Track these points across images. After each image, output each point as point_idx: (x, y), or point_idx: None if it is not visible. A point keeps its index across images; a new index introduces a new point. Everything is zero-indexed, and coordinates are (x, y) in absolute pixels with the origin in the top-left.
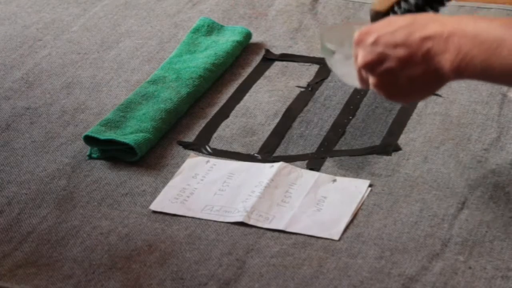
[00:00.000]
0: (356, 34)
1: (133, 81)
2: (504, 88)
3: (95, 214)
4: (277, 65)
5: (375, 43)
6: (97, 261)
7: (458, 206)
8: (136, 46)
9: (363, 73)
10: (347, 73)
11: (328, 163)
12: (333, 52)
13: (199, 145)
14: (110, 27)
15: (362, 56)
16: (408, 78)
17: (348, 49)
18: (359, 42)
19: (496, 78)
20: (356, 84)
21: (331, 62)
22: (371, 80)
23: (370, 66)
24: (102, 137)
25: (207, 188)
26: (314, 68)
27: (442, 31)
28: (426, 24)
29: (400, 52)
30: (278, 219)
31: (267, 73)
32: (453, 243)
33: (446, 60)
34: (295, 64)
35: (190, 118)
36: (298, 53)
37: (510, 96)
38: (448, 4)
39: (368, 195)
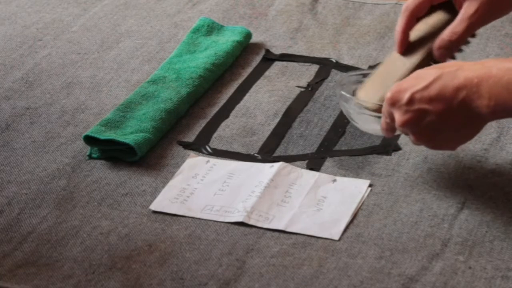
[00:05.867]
0: (388, 94)
1: (133, 81)
2: None
3: (95, 214)
4: (277, 65)
5: (410, 101)
6: (97, 261)
7: (458, 206)
8: (136, 46)
9: (402, 130)
10: (365, 121)
11: (328, 163)
12: (349, 100)
13: (199, 145)
14: (110, 27)
15: (400, 115)
16: (451, 128)
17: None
18: (394, 102)
19: None
20: (377, 132)
21: (348, 110)
22: (412, 136)
23: (411, 124)
24: (102, 137)
25: (207, 188)
26: (314, 68)
27: (471, 77)
28: (455, 73)
29: (438, 105)
30: (278, 219)
31: (267, 73)
32: (453, 243)
33: (483, 106)
34: (295, 64)
35: (190, 118)
36: (298, 53)
37: None
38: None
39: (368, 195)
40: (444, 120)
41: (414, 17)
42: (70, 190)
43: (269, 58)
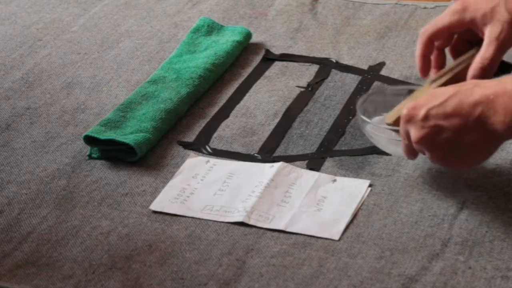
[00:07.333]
0: (404, 111)
1: (133, 81)
2: None
3: (95, 214)
4: (277, 65)
5: (426, 117)
6: (97, 261)
7: (458, 206)
8: (136, 46)
9: (417, 147)
10: (387, 142)
11: (328, 163)
12: (368, 123)
13: (199, 145)
14: (110, 27)
15: (416, 131)
16: (467, 145)
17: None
18: (410, 119)
19: None
20: (399, 153)
21: (368, 132)
22: (428, 154)
23: (426, 141)
24: (102, 137)
25: (207, 188)
26: (314, 68)
27: (487, 94)
28: (472, 90)
29: (454, 121)
30: (278, 219)
31: (267, 73)
32: (453, 243)
33: (498, 122)
34: (295, 64)
35: (190, 118)
36: (298, 53)
37: None
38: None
39: (368, 195)
40: (460, 137)
41: (432, 42)
42: (70, 190)
43: (269, 58)
